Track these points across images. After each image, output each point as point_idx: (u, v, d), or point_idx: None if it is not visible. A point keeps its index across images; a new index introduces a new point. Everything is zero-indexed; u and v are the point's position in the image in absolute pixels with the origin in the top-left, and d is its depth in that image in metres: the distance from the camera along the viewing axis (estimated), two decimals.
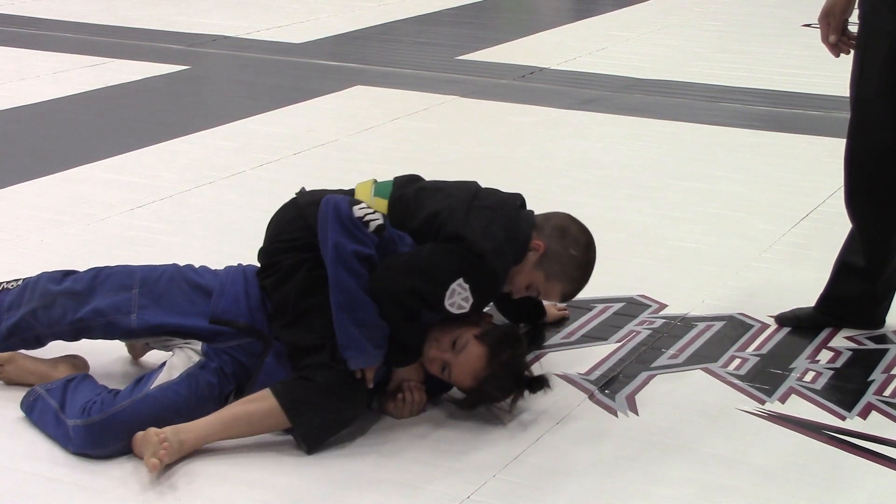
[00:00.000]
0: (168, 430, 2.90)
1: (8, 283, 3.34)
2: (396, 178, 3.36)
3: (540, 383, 3.15)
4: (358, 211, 3.08)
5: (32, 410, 3.08)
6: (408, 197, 3.27)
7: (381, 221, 3.10)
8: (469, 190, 3.29)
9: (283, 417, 2.97)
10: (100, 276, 3.21)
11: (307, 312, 3.08)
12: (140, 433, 2.91)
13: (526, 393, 3.14)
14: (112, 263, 3.29)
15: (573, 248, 3.25)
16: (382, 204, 3.25)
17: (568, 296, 3.30)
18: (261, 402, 2.99)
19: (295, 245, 3.18)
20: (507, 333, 3.15)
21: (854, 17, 3.45)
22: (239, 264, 3.32)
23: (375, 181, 3.36)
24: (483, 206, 3.20)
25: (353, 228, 3.04)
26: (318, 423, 2.99)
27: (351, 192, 3.31)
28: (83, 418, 2.95)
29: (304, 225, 3.19)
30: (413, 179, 3.37)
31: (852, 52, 3.47)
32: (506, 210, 3.23)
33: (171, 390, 3.02)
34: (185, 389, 3.02)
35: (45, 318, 3.19)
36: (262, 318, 3.14)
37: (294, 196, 3.37)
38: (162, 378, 3.04)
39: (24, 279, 3.33)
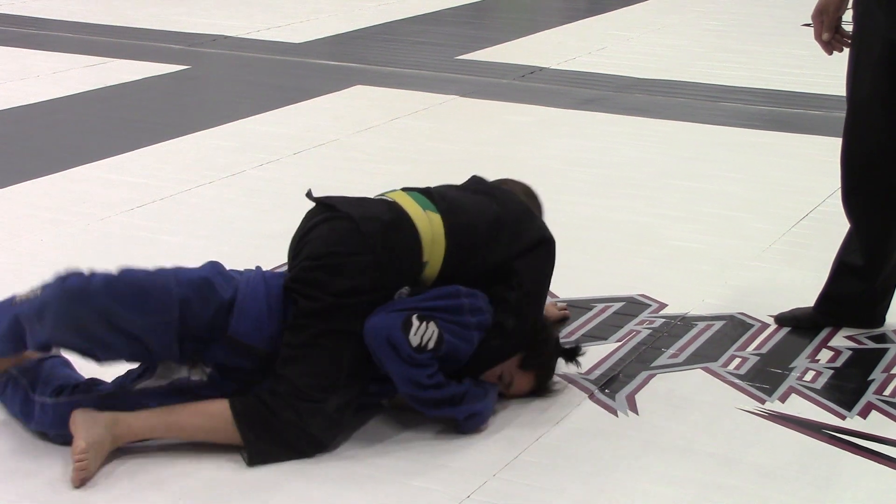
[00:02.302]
0: (105, 419, 2.84)
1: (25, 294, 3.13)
2: (424, 190, 3.25)
3: (576, 352, 3.29)
4: (415, 339, 2.95)
5: (4, 390, 3.04)
6: (457, 213, 3.18)
7: (437, 335, 2.97)
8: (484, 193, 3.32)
9: (235, 437, 2.90)
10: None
11: (320, 355, 2.95)
12: (78, 417, 2.85)
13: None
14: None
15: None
16: (437, 219, 3.11)
17: None
18: (214, 418, 2.90)
19: (353, 264, 2.97)
20: (539, 341, 3.22)
21: (848, 17, 3.45)
22: (258, 268, 3.13)
23: (408, 189, 3.24)
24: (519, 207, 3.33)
25: (414, 365, 2.95)
26: (272, 453, 2.91)
27: (366, 198, 3.19)
28: (52, 398, 2.92)
29: (362, 241, 2.99)
30: (431, 191, 3.27)
31: (847, 50, 3.47)
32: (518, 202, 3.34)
33: (155, 396, 2.96)
34: (171, 401, 2.95)
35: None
36: (278, 336, 2.98)
37: (322, 201, 3.14)
38: (148, 383, 2.99)
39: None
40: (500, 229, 3.18)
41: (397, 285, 3.05)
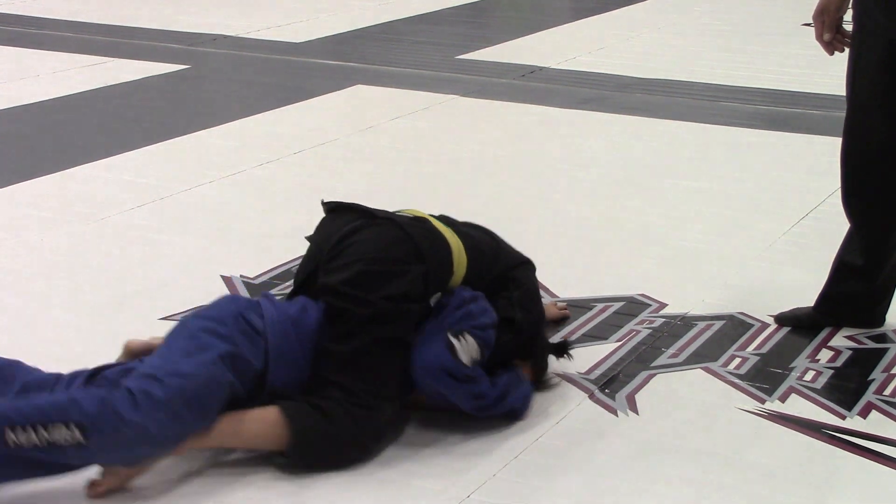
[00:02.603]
0: None
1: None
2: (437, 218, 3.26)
3: (564, 347, 3.35)
4: (464, 357, 2.96)
5: None
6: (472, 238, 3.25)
7: (477, 343, 3.00)
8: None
9: (281, 443, 2.85)
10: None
11: (374, 361, 2.91)
12: None
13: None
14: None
15: None
16: (453, 234, 3.15)
17: None
18: (267, 423, 2.84)
19: (407, 270, 2.96)
20: (530, 338, 3.25)
21: (848, 17, 3.45)
22: (278, 304, 3.00)
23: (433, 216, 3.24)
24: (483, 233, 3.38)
25: (472, 381, 2.98)
26: (320, 458, 2.87)
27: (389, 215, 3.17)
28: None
29: (414, 249, 3.00)
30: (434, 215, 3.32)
31: (847, 50, 3.47)
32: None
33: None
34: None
35: None
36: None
37: (354, 207, 3.15)
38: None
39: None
40: (497, 249, 3.28)
41: (434, 293, 3.07)
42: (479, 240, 3.26)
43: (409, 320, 2.96)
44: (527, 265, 3.36)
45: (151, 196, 4.90)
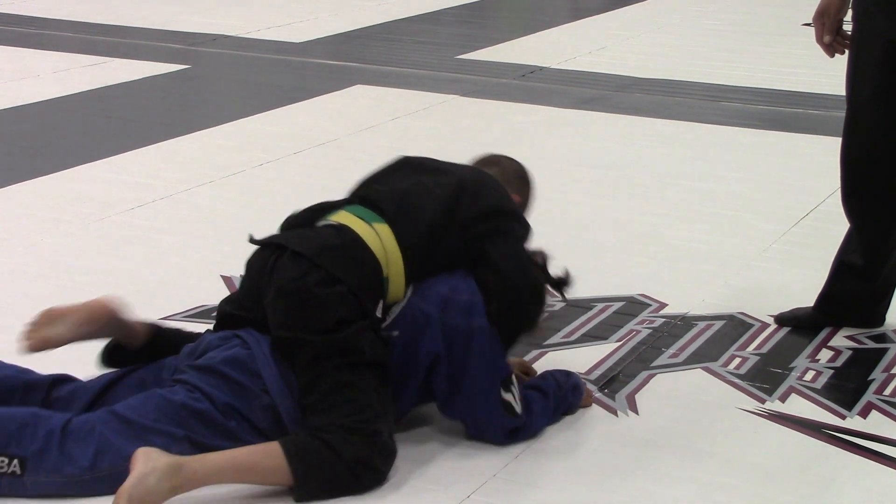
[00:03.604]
0: (164, 467, 2.63)
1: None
2: (367, 198, 3.12)
3: (564, 282, 3.28)
4: (518, 407, 2.99)
5: None
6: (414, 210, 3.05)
7: (517, 384, 3.01)
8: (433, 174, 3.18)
9: (288, 478, 2.75)
10: None
11: (351, 390, 2.83)
12: (139, 457, 2.64)
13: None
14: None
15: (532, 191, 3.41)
16: (385, 230, 2.99)
17: None
18: (273, 457, 2.75)
19: (328, 296, 2.86)
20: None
21: (848, 17, 3.45)
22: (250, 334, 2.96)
23: (351, 203, 3.13)
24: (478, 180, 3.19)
25: (510, 412, 3.00)
26: (327, 490, 2.77)
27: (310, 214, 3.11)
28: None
29: (327, 275, 2.87)
30: (375, 196, 3.11)
31: (847, 51, 3.47)
32: (484, 177, 3.21)
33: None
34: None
35: None
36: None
37: (270, 242, 3.02)
38: None
39: None
40: (458, 198, 3.05)
41: (374, 304, 2.94)
42: (424, 209, 3.02)
43: (359, 342, 2.85)
44: (501, 224, 3.09)
45: (151, 196, 4.90)
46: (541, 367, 3.38)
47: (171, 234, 4.49)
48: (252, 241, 3.07)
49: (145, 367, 3.05)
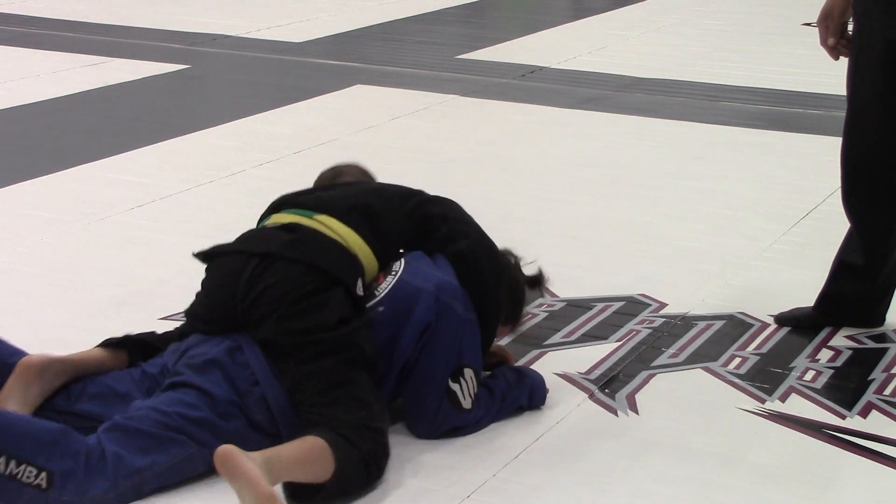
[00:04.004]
0: (259, 460, 2.58)
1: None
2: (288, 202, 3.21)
3: (538, 280, 3.36)
4: (466, 403, 3.01)
5: None
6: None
7: (474, 374, 3.01)
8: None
9: (326, 475, 2.70)
10: None
11: (352, 387, 2.84)
12: (226, 453, 2.57)
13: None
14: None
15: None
16: (327, 218, 3.05)
17: None
18: (317, 453, 2.71)
19: (327, 297, 2.89)
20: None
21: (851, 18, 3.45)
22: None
23: (276, 209, 3.20)
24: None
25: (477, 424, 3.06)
26: (348, 487, 2.76)
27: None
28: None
29: (322, 275, 2.91)
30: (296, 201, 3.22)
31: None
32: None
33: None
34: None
35: None
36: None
37: (237, 250, 3.08)
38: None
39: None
40: (383, 186, 3.24)
41: (354, 283, 2.97)
42: (351, 199, 3.12)
43: (355, 338, 2.88)
44: (422, 199, 3.24)
45: (151, 196, 4.90)
46: (541, 367, 3.38)
47: (171, 234, 4.49)
48: (199, 254, 3.14)
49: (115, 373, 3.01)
